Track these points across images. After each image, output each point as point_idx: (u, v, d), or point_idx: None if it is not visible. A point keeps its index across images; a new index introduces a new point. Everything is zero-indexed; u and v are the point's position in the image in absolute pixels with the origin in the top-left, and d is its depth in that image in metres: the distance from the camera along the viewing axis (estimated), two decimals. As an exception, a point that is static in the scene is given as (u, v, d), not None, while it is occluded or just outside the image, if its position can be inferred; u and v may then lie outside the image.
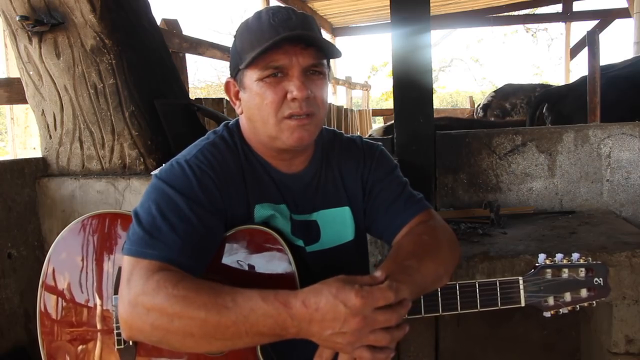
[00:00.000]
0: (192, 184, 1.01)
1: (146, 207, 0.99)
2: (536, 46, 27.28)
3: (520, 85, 5.87)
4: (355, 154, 1.20)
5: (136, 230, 0.96)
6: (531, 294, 1.04)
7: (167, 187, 1.00)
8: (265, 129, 1.04)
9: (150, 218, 0.97)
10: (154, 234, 0.95)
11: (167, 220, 0.96)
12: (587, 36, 2.97)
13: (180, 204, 0.98)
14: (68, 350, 1.10)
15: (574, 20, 9.49)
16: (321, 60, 1.03)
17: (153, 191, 1.01)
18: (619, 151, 2.16)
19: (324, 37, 1.07)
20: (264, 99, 1.01)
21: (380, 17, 10.16)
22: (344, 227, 1.18)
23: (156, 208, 0.98)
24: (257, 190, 1.10)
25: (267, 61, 0.99)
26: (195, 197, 1.00)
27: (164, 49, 2.32)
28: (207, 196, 1.01)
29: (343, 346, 0.85)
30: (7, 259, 1.97)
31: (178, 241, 0.94)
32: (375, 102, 18.07)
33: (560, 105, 3.82)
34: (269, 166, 1.12)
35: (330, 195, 1.17)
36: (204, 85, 14.29)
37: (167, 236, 0.95)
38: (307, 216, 1.15)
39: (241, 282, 1.05)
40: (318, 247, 1.15)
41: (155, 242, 0.94)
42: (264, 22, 1.00)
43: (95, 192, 2.03)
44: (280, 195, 1.12)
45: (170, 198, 0.99)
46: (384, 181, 1.19)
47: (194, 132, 2.21)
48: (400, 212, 1.16)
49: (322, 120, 1.09)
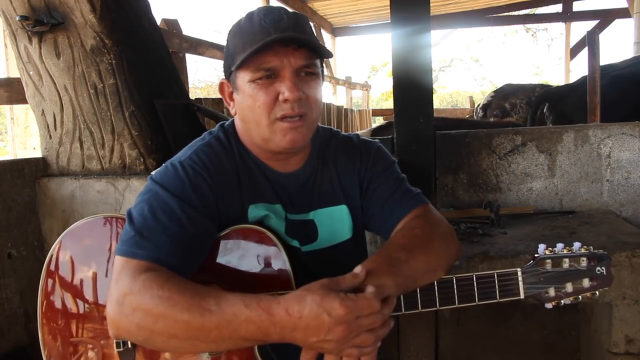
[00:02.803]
0: (185, 185, 1.02)
1: (139, 208, 0.99)
2: (536, 46, 27.25)
3: (520, 85, 5.86)
4: (352, 152, 1.20)
5: (127, 230, 0.97)
6: (530, 286, 1.03)
7: (160, 188, 1.01)
8: (259, 131, 1.04)
9: (141, 219, 0.97)
10: (144, 234, 0.95)
11: (158, 221, 0.97)
12: (587, 36, 2.97)
13: (172, 205, 0.99)
14: (69, 352, 1.10)
15: (574, 20, 9.49)
16: (313, 61, 1.03)
17: (146, 192, 1.02)
18: (619, 151, 2.16)
19: (315, 36, 1.06)
20: (256, 101, 1.01)
21: (380, 17, 10.16)
22: (341, 225, 1.18)
23: (148, 209, 0.98)
24: (251, 191, 1.10)
25: (258, 63, 0.99)
26: (187, 199, 1.00)
27: (164, 49, 2.32)
28: (200, 198, 1.02)
29: (329, 351, 0.86)
30: (7, 259, 1.97)
31: (168, 242, 0.95)
32: (375, 102, 18.06)
33: (562, 104, 3.82)
34: (265, 166, 1.12)
35: (327, 194, 1.17)
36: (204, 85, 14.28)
37: (157, 237, 0.95)
38: (304, 215, 1.15)
39: (236, 282, 1.05)
40: (315, 246, 1.15)
41: (145, 242, 0.94)
42: (255, 23, 1.00)
43: (95, 192, 2.03)
44: (276, 195, 1.12)
45: (162, 199, 0.99)
46: (381, 177, 1.18)
47: (194, 132, 2.21)
48: (397, 207, 1.15)
49: (316, 120, 1.09)
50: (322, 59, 1.08)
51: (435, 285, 1.01)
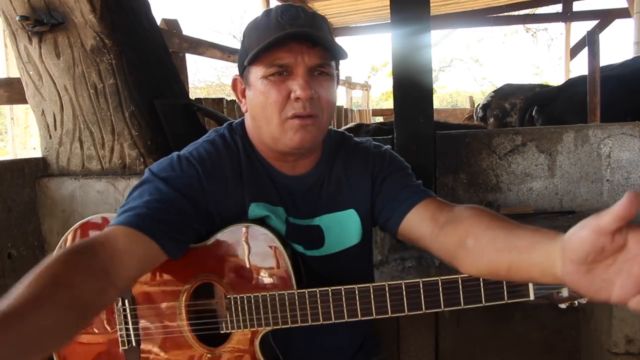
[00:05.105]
0: (174, 170, 1.03)
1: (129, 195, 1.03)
2: (536, 46, 27.28)
3: (520, 85, 5.85)
4: (364, 156, 1.16)
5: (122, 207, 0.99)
6: (540, 286, 0.99)
7: (150, 174, 1.03)
8: (269, 129, 1.02)
9: (127, 200, 1.00)
10: (126, 209, 0.97)
11: (141, 198, 0.98)
12: (587, 36, 2.97)
13: (156, 184, 1.00)
14: (75, 351, 1.10)
15: (574, 20, 9.48)
16: (328, 61, 1.01)
17: (142, 182, 1.04)
18: (619, 151, 2.16)
19: (332, 36, 1.05)
20: (268, 98, 0.99)
21: (380, 17, 10.15)
22: (350, 230, 1.15)
23: (137, 193, 1.01)
24: (254, 190, 1.08)
25: (271, 59, 0.98)
26: (171, 180, 1.01)
27: (164, 49, 2.32)
28: (186, 182, 1.02)
29: None
30: (7, 259, 1.97)
31: (144, 209, 0.96)
32: (375, 102, 18.06)
33: (550, 107, 3.83)
34: (270, 167, 1.10)
35: (334, 199, 1.14)
36: (204, 85, 14.30)
37: (138, 207, 0.96)
38: (309, 221, 1.12)
39: (235, 280, 1.06)
40: (322, 252, 1.12)
41: (125, 213, 0.95)
42: (272, 19, 0.99)
43: (95, 192, 2.03)
44: (279, 197, 1.10)
45: (149, 182, 1.02)
46: (395, 175, 1.15)
47: (194, 132, 2.21)
48: (412, 194, 1.10)
49: (327, 123, 1.06)
50: (337, 61, 1.06)
51: (439, 286, 0.99)
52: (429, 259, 1.70)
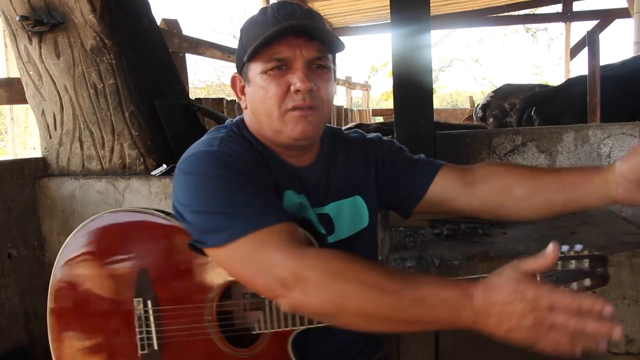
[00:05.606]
0: (231, 161, 0.97)
1: (201, 199, 0.93)
2: (536, 46, 27.26)
3: (519, 85, 5.86)
4: (361, 144, 1.20)
5: (209, 220, 0.91)
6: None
7: (212, 169, 0.95)
8: (270, 123, 1.02)
9: (215, 201, 0.91)
10: (236, 208, 0.90)
11: (237, 193, 0.92)
12: (587, 36, 2.98)
13: (232, 177, 0.94)
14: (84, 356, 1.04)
15: (574, 20, 9.48)
16: (325, 54, 1.02)
17: (195, 184, 0.95)
18: (619, 151, 2.16)
19: (329, 30, 1.05)
20: (268, 92, 0.99)
21: (380, 17, 10.15)
22: (358, 215, 1.16)
23: (213, 192, 0.92)
24: (282, 178, 1.06)
25: (270, 53, 0.98)
26: (239, 168, 0.96)
27: (164, 49, 2.32)
28: (249, 169, 0.98)
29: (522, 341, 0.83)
30: (7, 259, 1.97)
31: (262, 202, 0.92)
32: (375, 102, 18.06)
33: (547, 108, 3.84)
34: (281, 159, 1.09)
35: (338, 188, 1.15)
36: (204, 85, 14.29)
37: (250, 203, 0.91)
38: (320, 209, 1.13)
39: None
40: (333, 238, 1.13)
41: (246, 212, 0.90)
42: (269, 16, 1.00)
43: (95, 192, 2.03)
44: (301, 186, 1.09)
45: (221, 176, 0.94)
46: (400, 155, 1.21)
47: (194, 132, 2.21)
48: (428, 165, 1.17)
49: (327, 116, 1.06)
50: (334, 55, 1.07)
51: None
52: (429, 259, 1.70)
